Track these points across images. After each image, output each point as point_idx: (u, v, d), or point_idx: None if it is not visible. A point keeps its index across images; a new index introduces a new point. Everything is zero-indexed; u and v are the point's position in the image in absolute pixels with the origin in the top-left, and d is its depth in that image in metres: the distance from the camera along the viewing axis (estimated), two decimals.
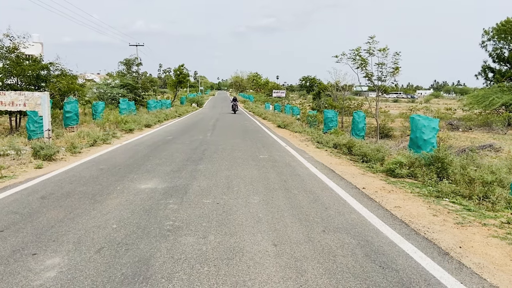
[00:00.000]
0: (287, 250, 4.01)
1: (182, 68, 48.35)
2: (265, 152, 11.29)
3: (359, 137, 16.39)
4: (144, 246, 4.01)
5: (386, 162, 9.12)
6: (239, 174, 7.83)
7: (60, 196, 5.94)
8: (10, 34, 17.34)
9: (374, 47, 19.80)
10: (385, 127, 27.44)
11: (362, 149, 10.64)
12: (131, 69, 35.10)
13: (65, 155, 9.77)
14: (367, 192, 6.75)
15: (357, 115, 17.69)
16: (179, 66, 48.27)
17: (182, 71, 48.35)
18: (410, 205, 6.02)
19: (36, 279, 3.26)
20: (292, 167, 8.90)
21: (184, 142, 13.25)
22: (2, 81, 17.07)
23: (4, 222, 4.69)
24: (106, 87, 29.91)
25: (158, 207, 5.41)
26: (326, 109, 23.02)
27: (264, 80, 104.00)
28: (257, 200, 5.94)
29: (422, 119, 11.18)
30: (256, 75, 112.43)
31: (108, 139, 12.58)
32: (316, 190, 6.70)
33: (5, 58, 17.14)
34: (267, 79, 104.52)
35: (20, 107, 10.56)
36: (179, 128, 19.22)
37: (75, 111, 16.76)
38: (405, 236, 4.57)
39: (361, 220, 5.12)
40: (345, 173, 8.46)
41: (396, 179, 7.94)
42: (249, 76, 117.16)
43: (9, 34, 17.33)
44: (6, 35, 17.27)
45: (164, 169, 8.15)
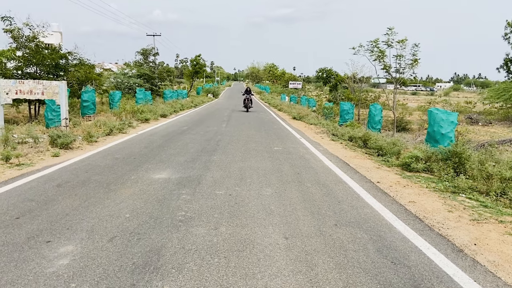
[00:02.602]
0: (298, 243, 4.00)
1: (199, 59, 48.42)
2: (279, 144, 11.25)
3: (375, 130, 16.20)
4: (156, 236, 4.04)
5: (402, 156, 8.99)
6: (253, 166, 7.82)
7: (75, 184, 6.03)
8: (29, 23, 17.55)
9: (392, 39, 19.50)
10: (402, 120, 27.11)
11: (378, 143, 10.51)
12: (148, 59, 35.29)
13: (82, 143, 9.91)
14: (381, 186, 6.67)
15: (373, 108, 17.46)
16: (196, 56, 48.38)
17: (198, 61, 48.42)
18: (425, 200, 5.93)
19: (49, 266, 3.31)
20: (306, 159, 8.85)
21: (199, 132, 13.30)
22: (22, 70, 17.34)
23: (20, 209, 4.79)
24: (123, 76, 30.18)
25: (171, 198, 5.44)
26: (342, 101, 22.78)
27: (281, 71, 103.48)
28: (270, 192, 5.93)
29: (440, 113, 10.99)
30: (272, 66, 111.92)
31: (124, 128, 12.71)
32: (330, 184, 6.65)
33: (24, 47, 17.39)
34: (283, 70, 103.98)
35: (38, 95, 10.74)
36: (194, 119, 19.29)
37: (92, 100, 16.95)
38: (418, 232, 4.51)
39: (374, 215, 5.06)
40: (360, 166, 8.38)
41: (412, 174, 7.82)
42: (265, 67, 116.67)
43: (29, 23, 17.53)
44: (26, 24, 17.47)
45: (178, 160, 8.19)
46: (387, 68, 20.66)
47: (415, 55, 19.41)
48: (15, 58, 16.88)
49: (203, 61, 49.29)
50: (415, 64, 19.69)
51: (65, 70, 18.93)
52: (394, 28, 19.29)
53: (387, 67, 20.60)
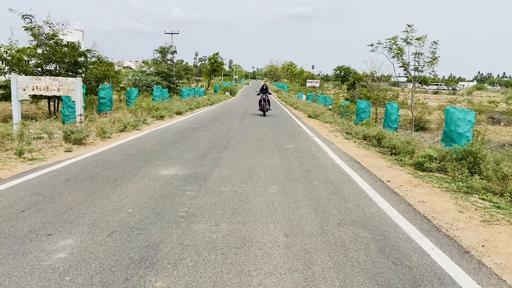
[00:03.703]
0: (298, 242, 3.94)
1: (217, 57, 48.54)
2: (291, 142, 11.17)
3: (391, 129, 15.93)
4: (156, 232, 4.04)
5: (415, 156, 8.81)
6: (261, 163, 7.77)
7: (83, 179, 6.09)
8: (49, 21, 17.85)
9: (411, 36, 19.15)
10: (421, 119, 26.63)
11: (392, 141, 10.32)
12: (165, 57, 35.58)
13: (95, 139, 10.04)
14: (391, 186, 6.53)
15: (390, 106, 17.17)
16: (214, 54, 48.48)
17: (216, 59, 48.56)
18: (436, 200, 5.78)
19: (47, 259, 3.34)
20: (316, 157, 8.75)
21: (211, 129, 13.32)
22: (41, 67, 17.68)
23: (27, 202, 4.86)
24: (141, 74, 30.49)
25: (175, 193, 5.45)
26: (358, 100, 22.49)
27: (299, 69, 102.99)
28: (276, 189, 5.87)
29: (457, 112, 10.73)
30: (291, 64, 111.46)
31: (138, 125, 12.83)
32: (338, 182, 6.55)
33: (44, 44, 17.72)
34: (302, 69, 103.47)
35: (54, 92, 10.91)
36: (209, 116, 19.35)
37: (109, 97, 17.17)
38: (424, 232, 4.39)
39: (380, 214, 4.96)
40: (371, 165, 8.24)
41: (425, 173, 7.65)
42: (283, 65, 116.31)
43: (49, 21, 17.84)
44: (46, 22, 17.77)
45: (187, 156, 8.21)
46: (405, 66, 20.31)
47: (435, 53, 19.05)
48: (36, 55, 17.22)
49: (221, 59, 49.42)
50: (435, 62, 19.30)
51: (84, 68, 19.24)
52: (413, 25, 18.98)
53: (405, 65, 20.24)
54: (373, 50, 21.22)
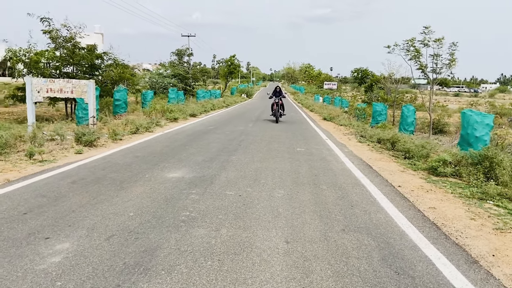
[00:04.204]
0: (299, 248, 3.82)
1: (234, 59, 48.69)
2: (303, 144, 11.03)
3: (407, 132, 15.61)
4: (154, 236, 3.99)
5: (429, 160, 8.58)
6: (270, 167, 7.67)
7: (90, 181, 6.10)
8: (67, 25, 18.13)
9: (429, 38, 18.82)
10: (439, 122, 26.12)
11: (406, 145, 10.09)
12: (182, 59, 35.82)
13: (107, 141, 10.10)
14: (402, 191, 6.35)
15: (406, 109, 16.84)
16: (230, 57, 48.69)
17: (233, 61, 48.71)
18: (447, 206, 5.59)
19: (41, 263, 3.32)
20: (327, 161, 8.60)
21: (224, 132, 13.29)
22: (59, 70, 17.97)
23: (30, 204, 4.87)
24: (157, 76, 30.76)
25: (179, 197, 5.39)
26: (374, 102, 22.17)
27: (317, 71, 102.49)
28: (281, 194, 5.76)
29: (475, 115, 10.43)
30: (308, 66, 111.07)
31: (150, 127, 12.88)
32: (347, 187, 6.40)
33: (62, 47, 18.01)
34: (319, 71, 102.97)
35: (67, 94, 11.05)
36: (222, 118, 19.34)
37: (124, 99, 17.34)
38: (432, 240, 4.22)
39: (387, 221, 4.80)
40: (383, 169, 8.05)
41: (438, 178, 7.43)
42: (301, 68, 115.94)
43: (66, 24, 18.11)
44: (64, 25, 18.05)
45: (196, 159, 8.17)
46: (423, 68, 19.98)
47: (453, 55, 18.66)
48: (54, 58, 17.52)
49: (238, 61, 49.54)
50: (453, 64, 18.93)
51: (100, 70, 19.50)
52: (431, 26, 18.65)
53: (423, 67, 19.92)
54: (389, 52, 20.97)
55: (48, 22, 17.39)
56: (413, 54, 19.76)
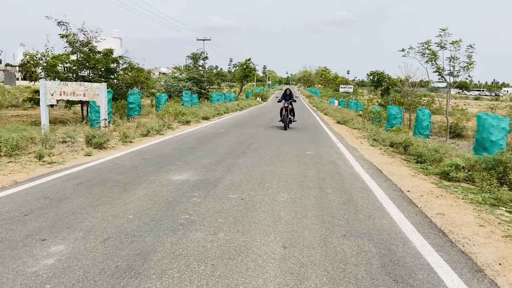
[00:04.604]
0: (296, 254, 3.73)
1: (249, 63, 48.74)
2: (313, 148, 10.91)
3: (422, 136, 15.33)
4: (150, 239, 3.95)
5: (441, 164, 8.36)
6: (276, 170, 7.58)
7: (95, 183, 6.12)
8: (83, 29, 18.40)
9: (446, 40, 18.50)
10: (457, 126, 25.59)
11: (418, 149, 9.87)
12: (197, 63, 36.03)
13: (117, 144, 10.17)
14: (410, 196, 6.18)
15: (421, 113, 16.55)
16: (246, 60, 48.73)
17: (248, 65, 48.75)
18: (457, 212, 5.41)
19: (33, 265, 3.30)
20: (336, 165, 8.47)
21: (234, 135, 13.25)
22: (76, 73, 18.23)
23: (33, 206, 4.90)
24: (172, 80, 30.98)
25: (181, 200, 5.36)
26: (389, 105, 21.86)
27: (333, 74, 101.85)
28: (285, 198, 5.67)
29: (490, 118, 10.17)
30: (325, 69, 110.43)
31: (161, 130, 12.93)
32: (353, 191, 6.26)
33: (79, 51, 18.28)
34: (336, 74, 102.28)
35: (80, 97, 11.18)
36: (235, 122, 19.33)
37: (138, 102, 17.48)
38: (436, 248, 4.07)
39: (392, 227, 4.66)
40: (393, 173, 7.87)
41: (450, 183, 7.22)
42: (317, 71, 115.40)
43: (83, 29, 18.38)
44: (81, 30, 18.32)
45: (203, 162, 8.14)
46: (439, 70, 19.63)
47: (470, 57, 18.29)
48: (70, 62, 17.79)
49: (253, 64, 49.56)
50: (470, 66, 18.56)
51: (115, 74, 19.71)
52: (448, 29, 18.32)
53: (439, 69, 19.57)
54: (404, 55, 20.67)
55: (65, 26, 17.66)
56: (429, 57, 19.46)
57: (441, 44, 18.46)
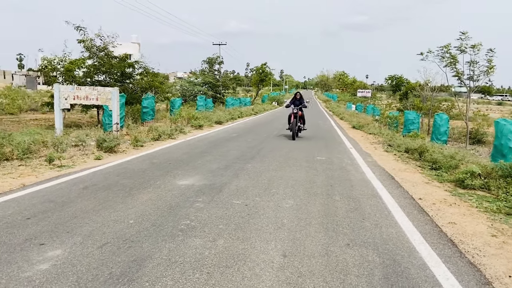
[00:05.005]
0: (295, 263, 3.61)
1: (265, 67, 48.76)
2: (324, 153, 10.74)
3: (440, 142, 14.99)
4: (148, 245, 3.88)
5: (457, 171, 8.11)
6: (285, 175, 7.47)
7: (100, 187, 6.12)
8: (100, 34, 18.66)
9: (466, 44, 18.13)
10: (478, 132, 25.02)
11: (434, 155, 9.61)
12: (213, 67, 36.18)
13: (128, 148, 10.21)
14: (422, 204, 5.99)
15: (438, 118, 16.20)
16: (262, 64, 48.75)
17: (264, 69, 48.77)
18: (469, 221, 5.20)
19: (28, 270, 3.27)
20: (346, 171, 8.30)
21: (246, 139, 13.18)
22: (91, 78, 18.49)
23: (36, 209, 4.91)
24: (188, 84, 31.17)
25: (184, 205, 5.29)
26: (406, 110, 21.50)
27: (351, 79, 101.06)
28: (290, 204, 5.55)
29: (509, 124, 9.87)
30: (342, 74, 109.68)
31: (173, 134, 12.95)
32: (362, 198, 6.10)
33: (96, 56, 18.54)
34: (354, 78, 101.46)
35: (93, 101, 11.29)
36: (248, 126, 19.26)
37: (152, 106, 17.59)
38: (444, 258, 3.89)
39: (399, 236, 4.50)
40: (406, 180, 7.67)
41: (465, 191, 6.99)
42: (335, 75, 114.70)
43: (100, 34, 18.65)
44: (97, 35, 18.60)
45: (211, 166, 8.08)
46: (459, 75, 19.25)
47: (491, 61, 17.88)
48: (86, 66, 18.06)
49: (269, 69, 49.56)
50: (491, 71, 18.14)
51: (131, 78, 19.92)
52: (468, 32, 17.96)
53: (459, 74, 19.19)
54: (423, 59, 20.35)
55: (83, 31, 17.92)
56: (449, 61, 19.11)
57: (461, 48, 18.10)
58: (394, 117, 21.93)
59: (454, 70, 19.32)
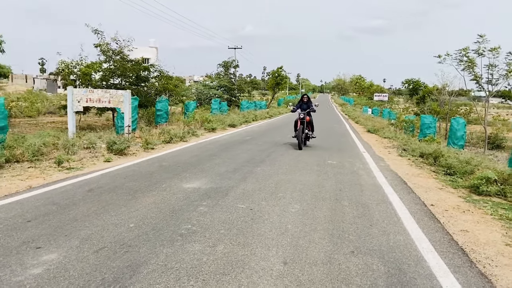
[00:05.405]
0: (295, 271, 3.47)
1: (280, 71, 48.63)
2: (336, 157, 10.55)
3: (456, 147, 14.58)
4: (145, 250, 3.80)
5: (471, 177, 7.83)
6: (293, 179, 7.32)
7: (105, 190, 6.08)
8: (116, 38, 18.84)
9: (484, 47, 17.74)
10: (497, 137, 24.43)
11: (448, 160, 9.34)
12: (228, 71, 36.24)
13: (138, 150, 10.21)
14: (434, 210, 5.77)
15: (455, 122, 15.80)
16: (278, 68, 48.64)
17: (280, 73, 48.64)
18: (482, 229, 4.98)
19: (20, 274, 3.22)
20: (357, 175, 8.10)
21: (258, 143, 13.07)
22: (107, 81, 18.67)
23: (39, 212, 4.88)
24: (203, 87, 31.26)
25: (187, 209, 5.21)
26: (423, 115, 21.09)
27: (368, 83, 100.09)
28: (296, 209, 5.41)
29: None
30: (359, 77, 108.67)
31: (185, 137, 12.94)
32: (371, 204, 5.92)
33: (111, 59, 18.72)
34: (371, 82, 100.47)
35: (105, 104, 11.35)
36: (262, 129, 19.15)
37: (165, 109, 17.66)
38: (453, 268, 3.70)
39: (407, 243, 4.31)
40: (419, 186, 7.44)
41: (480, 198, 6.73)
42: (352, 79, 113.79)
43: (116, 38, 18.83)
44: (113, 39, 18.79)
45: (219, 169, 7.99)
46: (477, 78, 18.84)
47: (510, 65, 17.43)
48: (101, 70, 18.25)
49: (285, 73, 49.41)
50: (510, 74, 17.68)
51: (146, 81, 20.05)
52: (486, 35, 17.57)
53: (477, 77, 18.78)
54: (440, 62, 19.99)
55: (101, 34, 18.10)
56: (466, 64, 18.73)
57: (479, 51, 17.72)
58: (409, 121, 21.52)
59: (472, 74, 18.94)
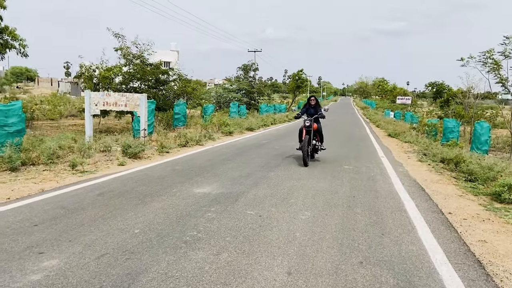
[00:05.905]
0: (299, 283, 3.34)
1: (301, 73, 48.40)
2: (353, 162, 10.33)
3: (480, 152, 14.12)
4: (147, 257, 3.73)
5: (493, 184, 7.51)
6: (306, 185, 7.17)
7: (115, 194, 6.07)
8: (136, 42, 19.07)
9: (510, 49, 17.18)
10: None
11: (470, 166, 9.00)
12: (248, 74, 36.24)
13: (153, 154, 10.23)
14: (451, 219, 5.53)
15: (479, 126, 15.32)
16: (298, 71, 48.42)
17: (300, 76, 48.41)
18: (502, 240, 4.73)
19: (19, 281, 3.19)
20: (373, 181, 7.88)
21: (274, 147, 12.94)
22: (126, 84, 18.90)
23: (47, 216, 4.89)
24: (223, 91, 31.35)
25: (195, 214, 5.13)
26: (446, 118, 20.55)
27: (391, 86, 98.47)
28: (306, 216, 5.27)
29: None
30: (382, 80, 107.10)
31: (201, 140, 12.92)
32: (385, 211, 5.72)
33: (131, 63, 18.95)
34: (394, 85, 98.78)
35: (122, 107, 11.45)
36: (280, 133, 19.00)
37: (183, 112, 17.74)
38: (467, 282, 3.50)
39: (420, 254, 4.12)
40: (437, 193, 7.18)
41: (502, 206, 6.44)
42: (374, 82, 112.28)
43: (136, 42, 19.05)
44: (134, 43, 19.02)
45: (232, 174, 7.91)
46: (503, 81, 18.24)
47: None
48: (121, 73, 18.49)
49: (305, 75, 49.14)
50: None
51: (165, 85, 20.22)
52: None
53: (503, 80, 18.18)
54: (463, 65, 19.45)
55: (121, 38, 18.34)
56: (491, 66, 18.17)
57: (504, 53, 17.15)
58: (432, 125, 21.00)
59: (497, 76, 18.35)
